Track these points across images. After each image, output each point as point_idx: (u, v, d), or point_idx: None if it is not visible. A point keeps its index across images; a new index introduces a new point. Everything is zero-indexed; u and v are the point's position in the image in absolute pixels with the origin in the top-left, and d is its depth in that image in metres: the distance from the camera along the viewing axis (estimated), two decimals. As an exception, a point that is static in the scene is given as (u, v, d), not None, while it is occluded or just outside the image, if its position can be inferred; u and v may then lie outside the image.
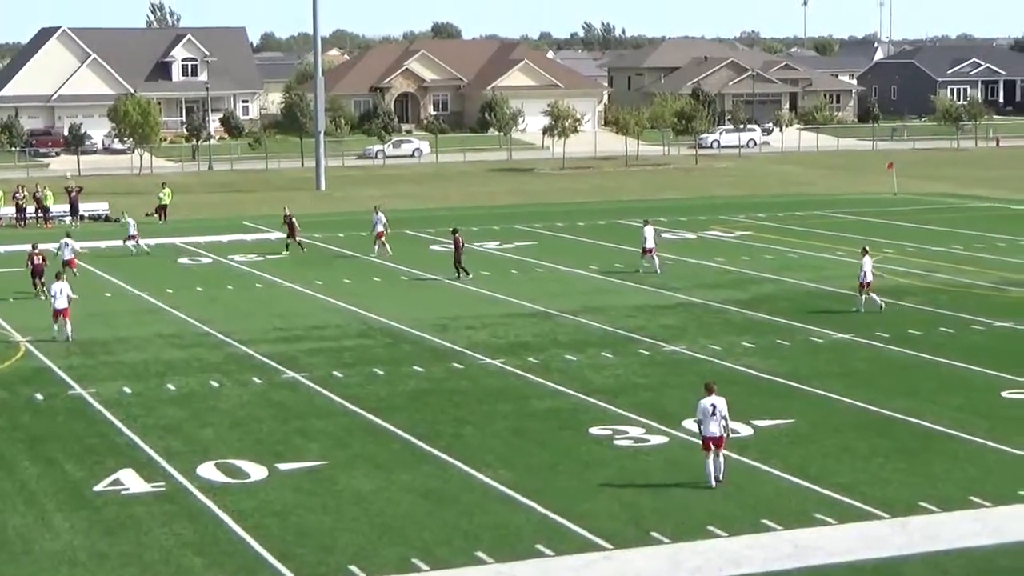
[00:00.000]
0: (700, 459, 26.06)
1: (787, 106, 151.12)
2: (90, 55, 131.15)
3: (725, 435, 25.96)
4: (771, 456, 27.62)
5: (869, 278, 43.52)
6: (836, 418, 30.67)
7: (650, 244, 51.91)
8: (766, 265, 53.58)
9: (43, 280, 46.98)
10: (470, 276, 50.89)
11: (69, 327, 40.44)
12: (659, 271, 51.25)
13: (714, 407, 25.80)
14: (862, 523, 23.73)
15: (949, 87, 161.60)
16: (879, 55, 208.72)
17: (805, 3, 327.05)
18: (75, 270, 50.50)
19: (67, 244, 51.24)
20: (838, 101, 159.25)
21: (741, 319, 42.63)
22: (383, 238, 57.36)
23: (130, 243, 59.95)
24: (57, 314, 40.49)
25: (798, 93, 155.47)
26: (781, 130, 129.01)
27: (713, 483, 25.69)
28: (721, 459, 25.87)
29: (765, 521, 23.83)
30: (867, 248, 45.17)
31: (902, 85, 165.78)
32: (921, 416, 30.60)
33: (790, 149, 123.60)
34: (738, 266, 53.42)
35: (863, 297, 43.52)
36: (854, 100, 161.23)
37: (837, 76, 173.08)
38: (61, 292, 40.58)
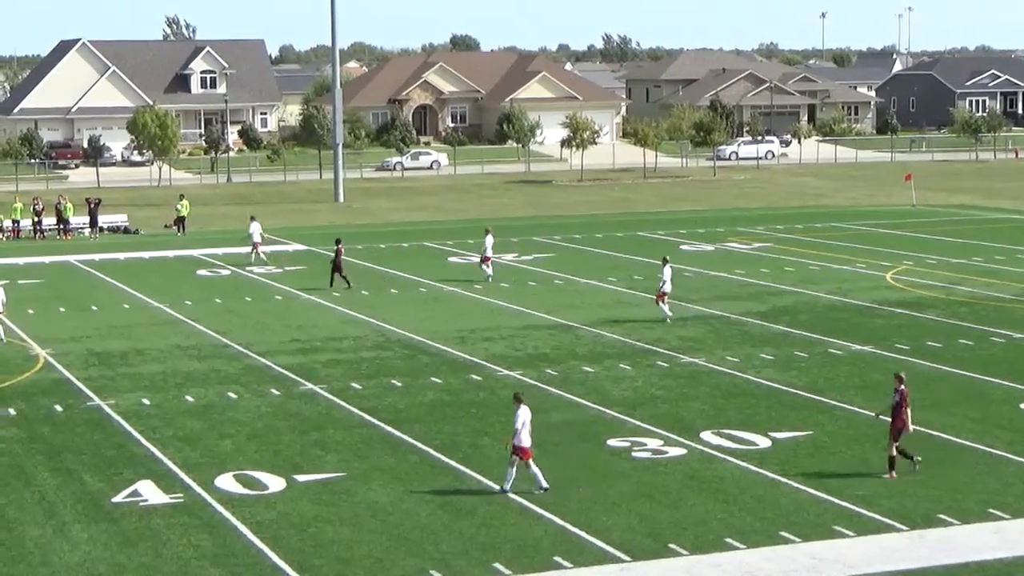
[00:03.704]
0: (713, 472, 25.97)
1: (805, 118, 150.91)
2: (109, 67, 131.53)
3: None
4: (790, 468, 27.57)
5: (668, 288, 44.00)
6: (855, 430, 30.58)
7: (489, 253, 53.36)
8: (786, 277, 53.48)
9: None
10: (330, 287, 51.43)
11: (1, 330, 42.19)
12: (489, 279, 52.74)
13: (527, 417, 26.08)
14: (880, 535, 23.68)
15: (968, 99, 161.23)
16: (897, 67, 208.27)
17: (823, 15, 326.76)
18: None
19: None
20: (856, 113, 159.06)
21: (760, 331, 42.55)
22: (258, 249, 60.01)
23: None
24: None
25: (816, 105, 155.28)
26: (799, 142, 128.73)
27: (546, 485, 25.97)
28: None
29: (783, 533, 23.79)
30: (667, 257, 45.96)
31: (920, 97, 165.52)
32: (940, 428, 30.52)
33: (808, 161, 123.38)
34: (757, 278, 53.32)
35: (665, 307, 44.03)
36: (872, 112, 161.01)
37: (855, 88, 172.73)
38: None
